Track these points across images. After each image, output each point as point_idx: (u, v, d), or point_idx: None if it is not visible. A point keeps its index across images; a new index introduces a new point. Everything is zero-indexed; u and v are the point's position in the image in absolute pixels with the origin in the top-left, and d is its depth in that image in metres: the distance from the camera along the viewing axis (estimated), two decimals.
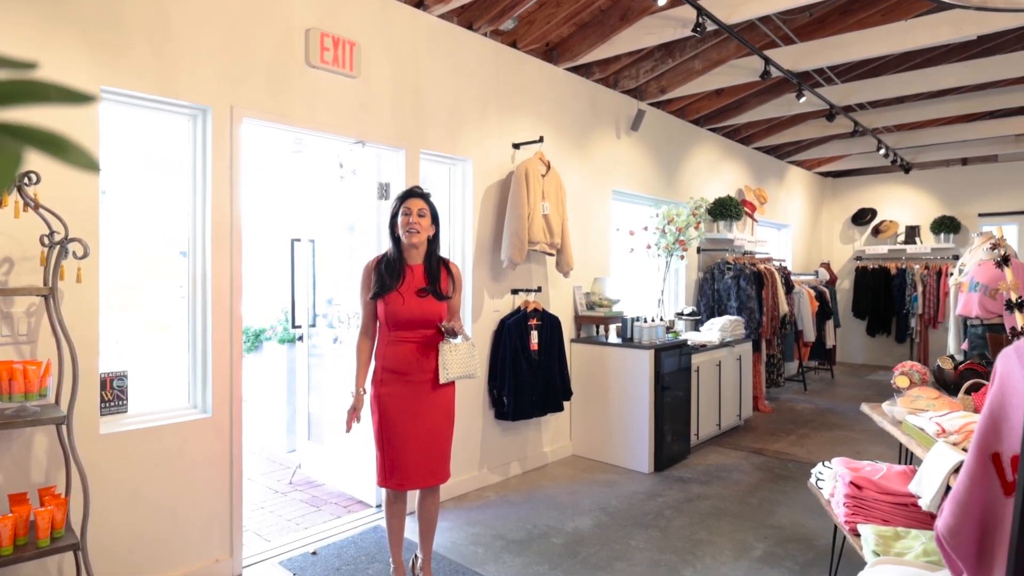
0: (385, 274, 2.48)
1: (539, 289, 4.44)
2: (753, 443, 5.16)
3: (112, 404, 2.58)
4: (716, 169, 6.80)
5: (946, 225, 8.66)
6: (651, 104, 5.63)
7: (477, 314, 4.07)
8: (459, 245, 4.07)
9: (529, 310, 4.19)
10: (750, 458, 4.75)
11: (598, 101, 5.08)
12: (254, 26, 2.92)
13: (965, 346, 4.60)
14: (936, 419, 2.15)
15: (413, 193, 2.57)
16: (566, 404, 4.52)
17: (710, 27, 3.88)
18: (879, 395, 7.14)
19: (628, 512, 3.65)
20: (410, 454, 2.50)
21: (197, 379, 2.80)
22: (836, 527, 2.69)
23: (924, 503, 1.92)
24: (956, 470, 1.86)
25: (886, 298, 8.99)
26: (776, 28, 4.88)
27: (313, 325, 4.29)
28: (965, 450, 2.01)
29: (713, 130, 6.73)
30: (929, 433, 2.12)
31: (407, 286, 2.49)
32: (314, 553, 3.09)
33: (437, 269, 2.57)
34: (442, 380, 2.51)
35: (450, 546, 3.22)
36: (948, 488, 1.92)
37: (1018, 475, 1.06)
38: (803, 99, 5.16)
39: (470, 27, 3.99)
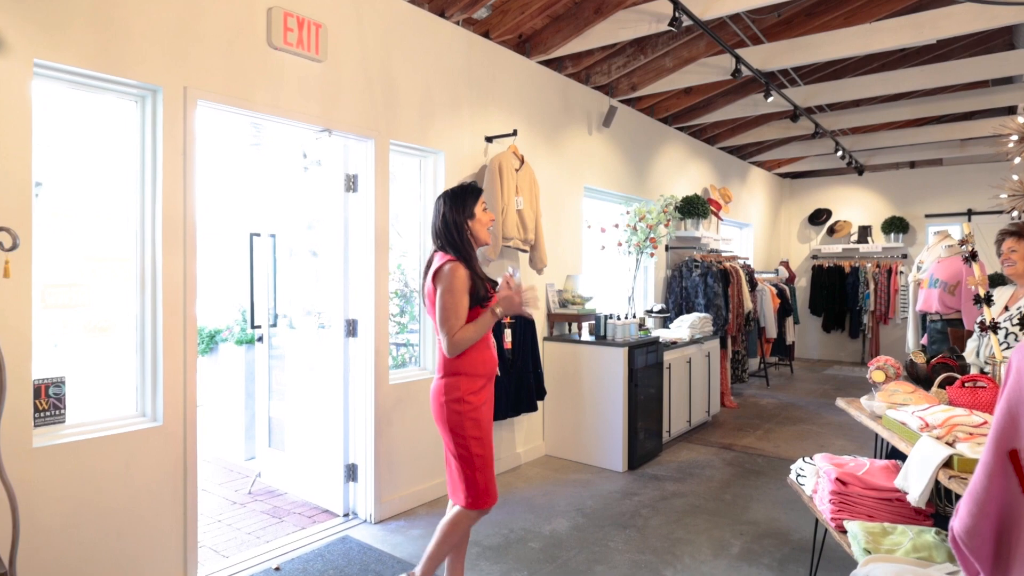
0: (478, 277, 2.33)
1: None
2: (722, 439, 5.20)
3: (47, 414, 2.34)
4: (683, 168, 6.85)
5: (896, 225, 8.98)
6: (622, 101, 5.61)
7: None
8: (430, 240, 3.93)
9: None
10: (720, 454, 4.77)
11: (570, 96, 5.03)
12: (211, 0, 2.73)
13: (924, 341, 4.74)
14: (918, 413, 2.15)
15: (480, 190, 2.45)
16: (540, 404, 4.44)
17: (685, 22, 3.86)
18: (836, 389, 7.34)
19: (604, 512, 3.59)
20: (492, 464, 2.39)
21: (146, 385, 2.58)
22: (816, 522, 2.69)
23: (913, 498, 1.92)
24: (945, 464, 1.86)
25: (840, 295, 9.27)
26: (746, 28, 4.91)
27: (274, 325, 4.09)
28: (950, 444, 2.02)
29: (681, 129, 6.77)
30: (912, 428, 2.12)
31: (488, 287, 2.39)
32: (277, 569, 2.90)
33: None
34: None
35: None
36: (937, 483, 1.92)
37: None
38: (771, 99, 5.22)
39: (442, 14, 3.86)
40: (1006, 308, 3.02)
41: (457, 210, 2.37)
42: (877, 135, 7.85)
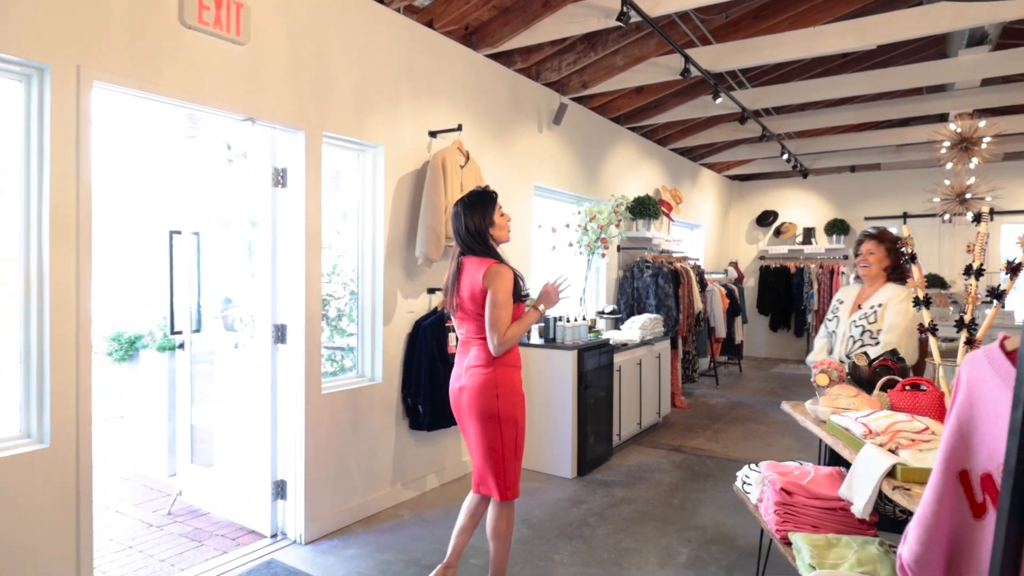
0: (518, 275, 2.48)
1: None
2: (672, 440, 5.17)
3: None
4: (635, 168, 6.82)
5: (838, 227, 9.24)
6: (573, 99, 5.52)
7: (389, 315, 3.76)
8: (369, 240, 3.74)
9: (446, 310, 3.92)
10: (670, 456, 4.73)
11: (519, 92, 4.89)
12: None
13: None
14: (862, 419, 2.10)
15: (495, 195, 2.59)
16: None
17: (634, 18, 3.78)
18: (782, 387, 7.46)
19: (552, 523, 3.47)
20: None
21: (31, 402, 2.29)
22: (762, 530, 2.63)
23: (857, 510, 1.85)
24: (889, 474, 1.80)
25: (786, 295, 9.47)
26: (695, 28, 4.89)
27: (198, 330, 3.81)
28: (892, 451, 1.96)
29: (632, 129, 6.74)
30: (856, 434, 2.06)
31: None
32: None
33: None
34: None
35: None
36: (880, 494, 1.86)
37: (1000, 496, 0.94)
38: (719, 100, 5.22)
39: (380, 0, 3.66)
40: (858, 307, 3.12)
41: (478, 218, 2.50)
42: (821, 139, 8.02)
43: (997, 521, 0.92)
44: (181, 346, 3.88)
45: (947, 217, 6.17)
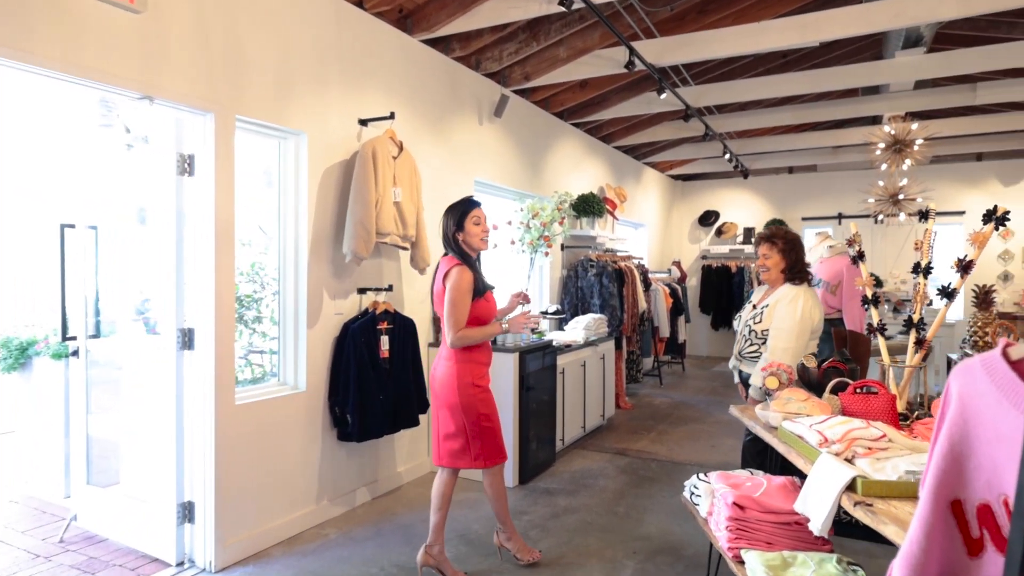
0: (479, 279, 2.73)
1: (391, 288, 3.90)
2: (616, 443, 5.04)
3: None
4: (579, 165, 6.68)
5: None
6: (515, 91, 5.32)
7: (314, 317, 3.44)
8: (291, 235, 3.41)
9: (379, 312, 3.64)
10: (615, 460, 4.59)
11: (459, 82, 4.65)
12: None
13: None
14: (817, 427, 1.97)
15: (476, 203, 2.84)
16: (422, 417, 4.02)
17: (577, 4, 3.60)
18: (724, 386, 7.50)
19: (491, 537, 3.24)
20: (500, 427, 2.85)
21: None
22: (712, 545, 2.49)
23: (815, 527, 1.71)
24: (849, 488, 1.67)
25: (727, 294, 9.59)
26: (639, 20, 4.77)
27: (95, 335, 3.38)
28: (849, 460, 1.84)
29: (576, 125, 6.60)
30: (811, 443, 1.93)
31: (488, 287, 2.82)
32: None
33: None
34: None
35: None
36: (840, 509, 1.72)
37: (1011, 543, 0.78)
38: (664, 95, 5.13)
39: None
40: (754, 306, 3.10)
41: (451, 220, 2.79)
42: (761, 140, 8.13)
43: (1006, 569, 0.76)
44: (75, 353, 3.44)
45: (880, 218, 6.32)
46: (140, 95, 2.65)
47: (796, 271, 3.05)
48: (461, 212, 2.79)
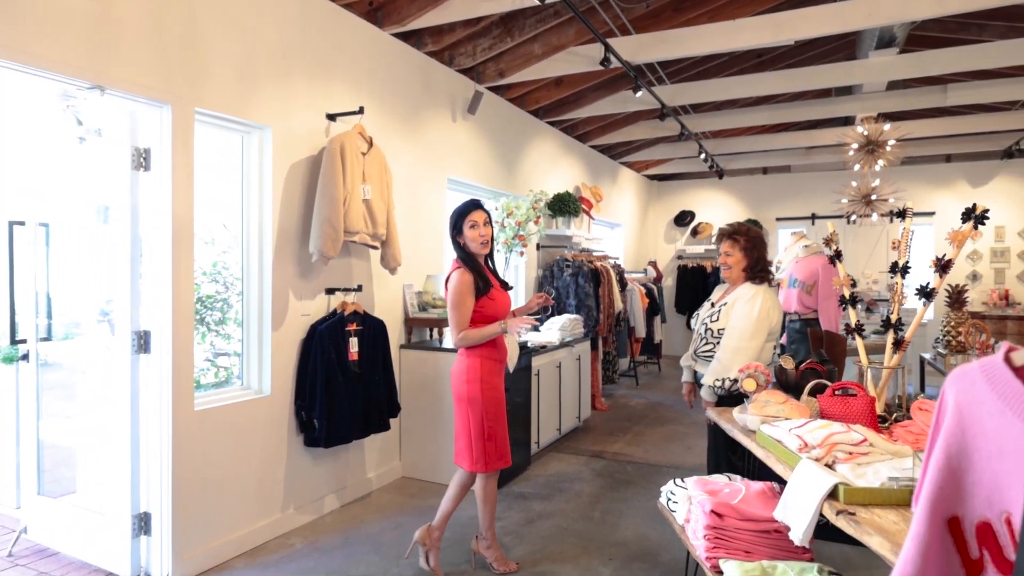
0: (479, 279, 2.74)
1: (360, 288, 3.78)
2: (592, 445, 4.98)
3: None
4: (555, 164, 6.62)
5: None
6: (490, 88, 5.22)
7: (280, 319, 3.31)
8: (255, 233, 3.27)
9: (347, 313, 3.52)
10: (590, 463, 4.53)
11: (432, 77, 4.54)
12: None
13: (784, 340, 4.80)
14: (796, 431, 1.92)
15: (477, 205, 2.83)
16: (393, 421, 3.91)
17: None
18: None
19: (463, 545, 3.14)
20: (506, 434, 2.85)
21: None
22: (688, 553, 2.43)
23: (796, 537, 1.65)
24: (831, 495, 1.62)
25: (703, 294, 9.59)
26: (615, 16, 4.71)
27: (47, 338, 3.20)
28: (829, 466, 1.79)
29: (552, 123, 6.53)
30: (791, 448, 1.87)
31: (494, 282, 2.82)
32: None
33: (493, 265, 2.92)
34: (511, 368, 2.80)
35: None
36: (822, 518, 1.67)
37: (1018, 554, 0.71)
38: (640, 93, 5.08)
39: None
40: (712, 304, 3.00)
41: (451, 226, 2.83)
42: (736, 140, 8.16)
43: None
44: (25, 357, 3.25)
45: (853, 218, 6.37)
46: (90, 85, 2.50)
47: (758, 270, 2.95)
48: (459, 215, 2.81)
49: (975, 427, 0.81)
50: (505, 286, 2.91)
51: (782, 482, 2.12)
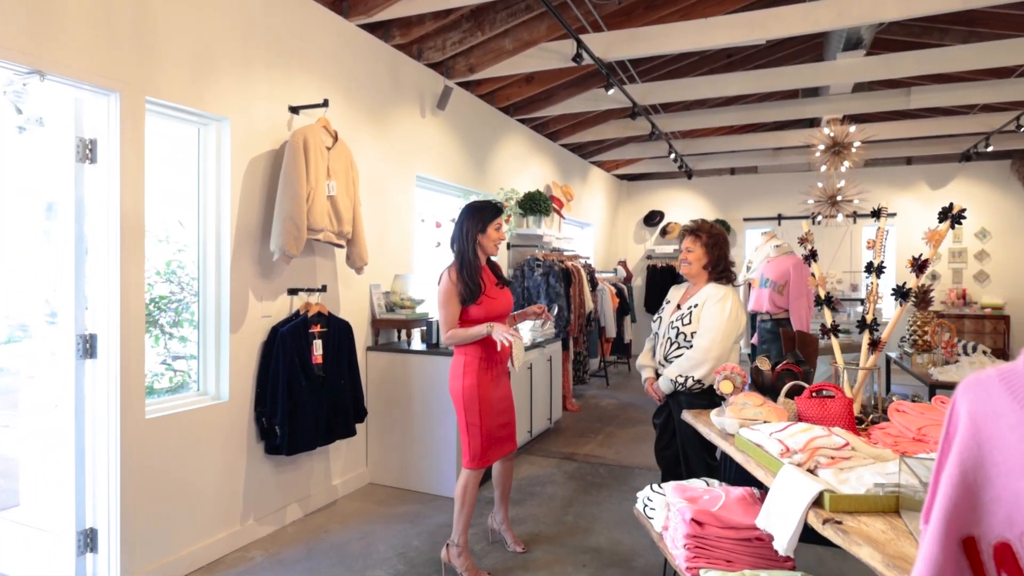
0: (470, 281, 2.73)
1: (324, 288, 3.63)
2: (564, 447, 4.92)
3: None
4: (525, 162, 6.54)
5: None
6: (460, 84, 5.11)
7: (239, 321, 3.14)
8: (213, 231, 3.11)
9: (311, 314, 3.37)
10: (562, 465, 4.46)
11: (400, 71, 4.40)
12: None
13: (755, 340, 4.82)
14: (777, 435, 1.87)
15: (500, 211, 2.84)
16: (360, 426, 3.77)
17: None
18: None
19: (432, 555, 3.04)
20: (500, 431, 2.84)
21: None
22: (665, 561, 2.37)
23: (780, 546, 1.60)
24: (816, 503, 1.57)
25: None
26: (587, 13, 4.65)
27: None
28: (811, 471, 1.75)
29: (523, 121, 6.45)
30: (772, 453, 1.82)
31: (489, 285, 2.82)
32: None
33: (494, 264, 2.94)
34: (518, 368, 2.75)
35: None
36: (806, 526, 1.62)
37: None
38: (612, 91, 5.03)
39: None
40: (678, 306, 2.93)
41: (474, 222, 2.77)
42: (705, 140, 8.21)
43: None
44: None
45: (819, 219, 6.46)
46: (29, 69, 2.31)
47: (720, 269, 2.89)
48: (493, 214, 2.80)
49: (993, 440, 0.75)
50: (506, 284, 2.94)
51: (761, 487, 2.07)
